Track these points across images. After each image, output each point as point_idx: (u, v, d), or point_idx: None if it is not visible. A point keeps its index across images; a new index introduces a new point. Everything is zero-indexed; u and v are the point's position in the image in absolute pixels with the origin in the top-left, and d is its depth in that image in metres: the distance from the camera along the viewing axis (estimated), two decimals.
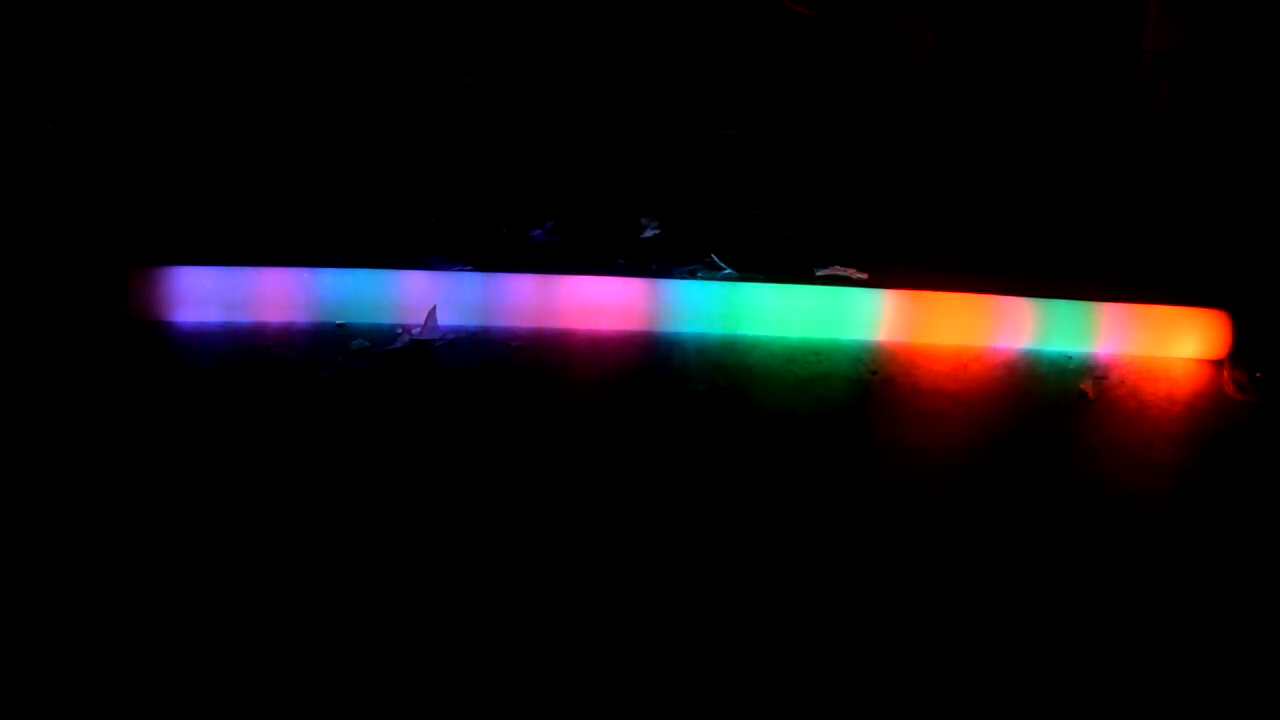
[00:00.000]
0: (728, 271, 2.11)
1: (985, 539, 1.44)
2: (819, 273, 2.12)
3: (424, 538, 1.37)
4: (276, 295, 1.86)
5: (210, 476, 1.46)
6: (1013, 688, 1.20)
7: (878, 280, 2.08)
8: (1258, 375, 1.86)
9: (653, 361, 1.82)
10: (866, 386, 1.78)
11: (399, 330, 1.84)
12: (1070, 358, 1.90)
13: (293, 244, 2.10)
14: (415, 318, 1.85)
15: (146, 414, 1.60)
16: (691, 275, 2.08)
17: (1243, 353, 1.90)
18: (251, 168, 2.54)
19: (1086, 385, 1.82)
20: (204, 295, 1.85)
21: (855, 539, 1.42)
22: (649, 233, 2.28)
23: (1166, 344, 1.93)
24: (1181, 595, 1.36)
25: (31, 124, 2.60)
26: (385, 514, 1.41)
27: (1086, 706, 1.18)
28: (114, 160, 2.53)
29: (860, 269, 2.13)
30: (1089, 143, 2.80)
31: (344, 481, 1.47)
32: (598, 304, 1.89)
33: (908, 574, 1.36)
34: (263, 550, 1.33)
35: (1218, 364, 1.91)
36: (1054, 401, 1.78)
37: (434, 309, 1.84)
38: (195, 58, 3.38)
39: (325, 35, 3.76)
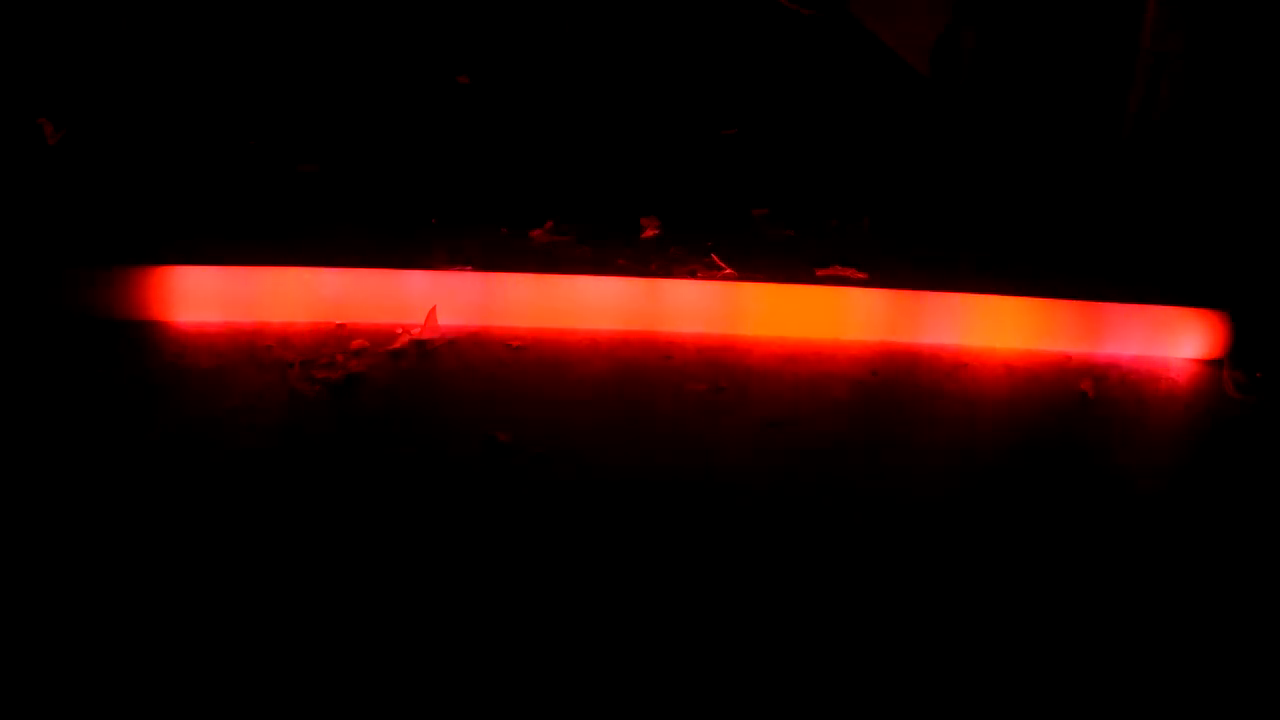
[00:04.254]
0: (728, 272, 2.11)
1: (986, 539, 1.44)
2: (819, 273, 2.12)
3: (422, 539, 1.37)
4: (276, 295, 1.86)
5: (209, 477, 1.47)
6: (1013, 688, 1.20)
7: (878, 280, 2.08)
8: (1258, 375, 1.86)
9: (653, 361, 1.82)
10: (866, 387, 1.78)
11: (399, 330, 1.84)
12: (1070, 358, 1.90)
13: (293, 243, 2.10)
14: (415, 318, 1.84)
15: (145, 413, 1.60)
16: (691, 275, 2.08)
17: (1243, 353, 1.90)
18: (252, 167, 2.54)
19: (1086, 385, 1.82)
20: (204, 295, 1.85)
21: (856, 540, 1.42)
22: (649, 233, 2.28)
23: (1166, 344, 1.93)
24: (1182, 595, 1.36)
25: (30, 123, 2.60)
26: (384, 516, 1.41)
27: (1087, 706, 1.18)
28: (112, 159, 2.53)
29: (860, 269, 2.13)
30: (1088, 142, 2.80)
31: (343, 483, 1.47)
32: (598, 304, 1.89)
33: (909, 575, 1.36)
34: (258, 554, 1.33)
35: (1218, 364, 1.91)
36: (1054, 401, 1.78)
37: (434, 309, 1.84)
38: (194, 56, 3.38)
39: (324, 35, 3.77)
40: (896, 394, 1.77)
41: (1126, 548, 1.44)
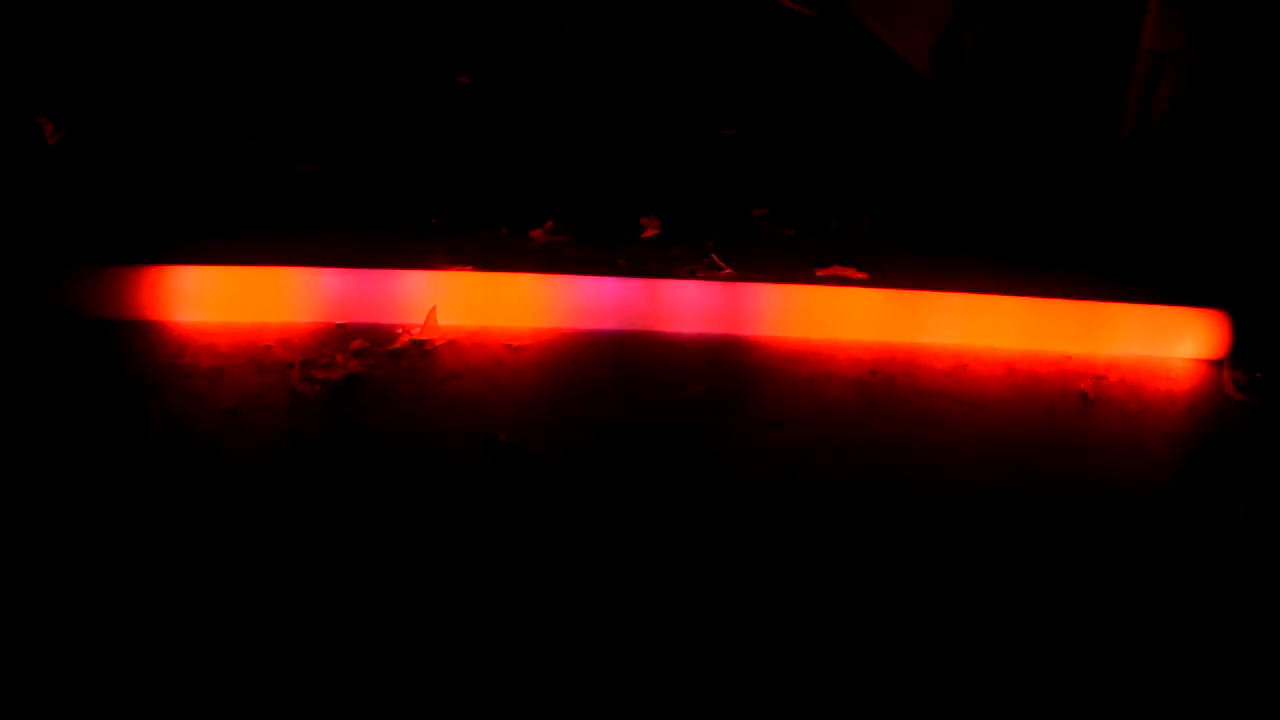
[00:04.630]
0: (728, 272, 2.11)
1: (986, 540, 1.44)
2: (819, 273, 2.12)
3: (422, 539, 1.37)
4: (276, 295, 1.86)
5: (208, 478, 1.46)
6: (1012, 689, 1.20)
7: (878, 280, 2.09)
8: (1258, 375, 1.86)
9: (653, 361, 1.82)
10: (866, 387, 1.78)
11: (399, 330, 1.84)
12: (1070, 358, 1.90)
13: (293, 243, 2.10)
14: (415, 318, 1.85)
15: (143, 414, 1.60)
16: (691, 275, 2.08)
17: (1243, 353, 1.90)
18: (252, 167, 2.54)
19: (1086, 385, 1.82)
20: (204, 295, 1.85)
21: (856, 541, 1.42)
22: (649, 233, 2.28)
23: (1166, 344, 1.93)
24: (1181, 596, 1.36)
25: (30, 123, 2.60)
26: (384, 516, 1.41)
27: (1086, 707, 1.18)
28: (114, 160, 2.53)
29: (860, 269, 2.14)
30: (1088, 142, 2.80)
31: (343, 483, 1.47)
32: (598, 304, 1.89)
33: (909, 576, 1.36)
34: (258, 555, 1.33)
35: (1218, 364, 1.91)
36: (1054, 401, 1.78)
37: (434, 309, 1.84)
38: (193, 56, 3.38)
39: (324, 35, 3.77)
40: (896, 394, 1.77)
41: (1127, 548, 1.44)
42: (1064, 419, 1.74)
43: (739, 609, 1.28)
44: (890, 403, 1.75)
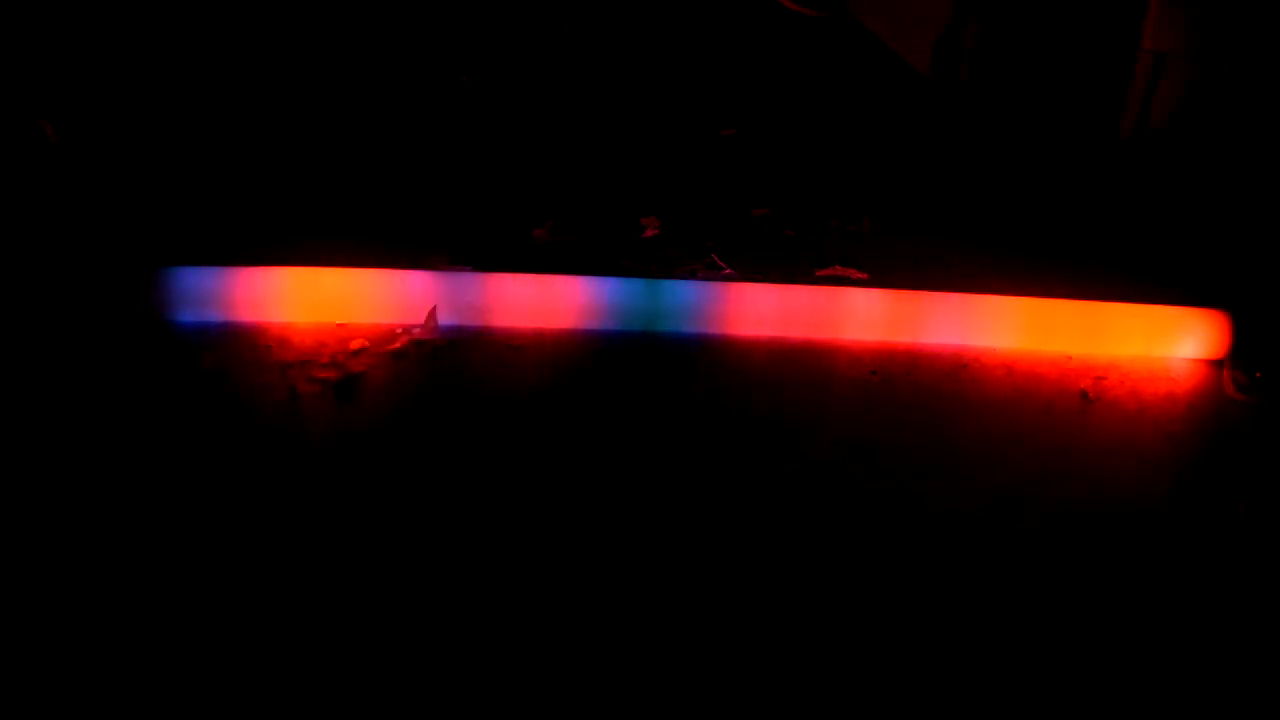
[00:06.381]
0: (728, 272, 2.11)
1: (985, 541, 1.44)
2: (819, 273, 2.12)
3: (420, 542, 1.37)
4: (276, 295, 1.86)
5: (210, 477, 1.47)
6: (1012, 690, 1.20)
7: (878, 280, 2.09)
8: (1258, 375, 1.86)
9: (653, 361, 1.82)
10: (866, 387, 1.78)
11: (399, 330, 1.84)
12: (1070, 358, 1.90)
13: (293, 244, 2.10)
14: (415, 318, 1.85)
15: (146, 414, 1.60)
16: (691, 275, 2.08)
17: (1243, 353, 1.90)
18: (252, 167, 2.54)
19: (1086, 385, 1.82)
20: (204, 295, 1.85)
21: (855, 542, 1.42)
22: (649, 233, 2.28)
23: (1166, 344, 1.93)
24: (1181, 596, 1.36)
25: (30, 124, 2.60)
26: (382, 516, 1.41)
27: (1085, 708, 1.18)
28: (115, 160, 2.53)
29: (860, 269, 2.14)
30: (1088, 142, 2.80)
31: (342, 483, 1.47)
32: (598, 304, 1.89)
33: (909, 577, 1.36)
34: (257, 555, 1.33)
35: (1218, 364, 1.91)
36: (1054, 401, 1.78)
37: (434, 309, 1.84)
38: (196, 57, 3.38)
39: (326, 35, 3.77)
40: (896, 394, 1.77)
41: (1127, 549, 1.44)
42: (1064, 419, 1.74)
43: (738, 608, 1.28)
44: (890, 403, 1.75)
